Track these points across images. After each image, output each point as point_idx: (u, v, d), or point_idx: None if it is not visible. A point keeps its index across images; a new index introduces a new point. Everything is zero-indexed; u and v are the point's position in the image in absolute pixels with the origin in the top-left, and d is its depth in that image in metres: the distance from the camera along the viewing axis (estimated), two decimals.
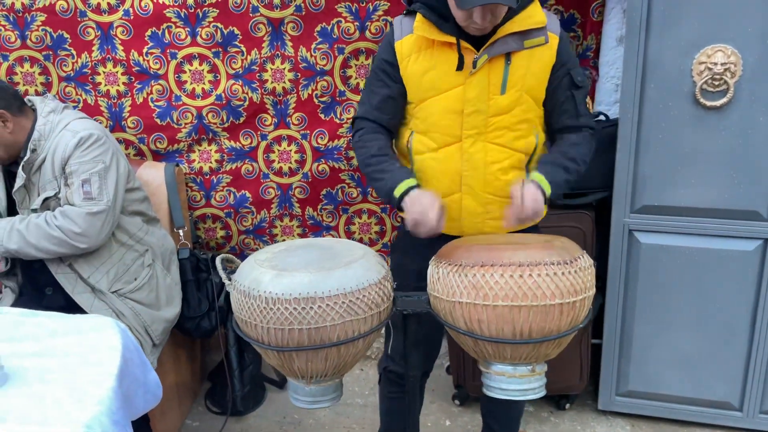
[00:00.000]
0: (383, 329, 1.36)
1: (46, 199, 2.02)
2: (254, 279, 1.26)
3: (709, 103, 2.09)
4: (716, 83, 2.07)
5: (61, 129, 2.03)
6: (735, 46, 2.03)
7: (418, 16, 1.68)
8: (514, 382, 1.30)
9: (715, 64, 2.05)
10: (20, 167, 2.01)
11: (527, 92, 1.69)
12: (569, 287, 1.22)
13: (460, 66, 1.65)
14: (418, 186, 1.65)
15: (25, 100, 2.09)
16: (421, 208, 1.55)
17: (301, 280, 1.22)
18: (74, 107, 2.52)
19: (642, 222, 2.28)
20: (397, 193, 1.63)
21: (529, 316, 1.21)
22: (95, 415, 1.28)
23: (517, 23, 1.63)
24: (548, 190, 1.64)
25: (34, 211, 2.03)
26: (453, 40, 1.63)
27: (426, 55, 1.70)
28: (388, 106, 1.79)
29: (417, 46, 1.71)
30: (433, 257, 1.38)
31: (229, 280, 1.39)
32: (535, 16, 1.65)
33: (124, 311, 2.09)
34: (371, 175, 1.74)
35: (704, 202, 2.20)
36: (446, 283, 1.28)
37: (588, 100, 1.83)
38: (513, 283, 1.20)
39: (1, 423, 1.24)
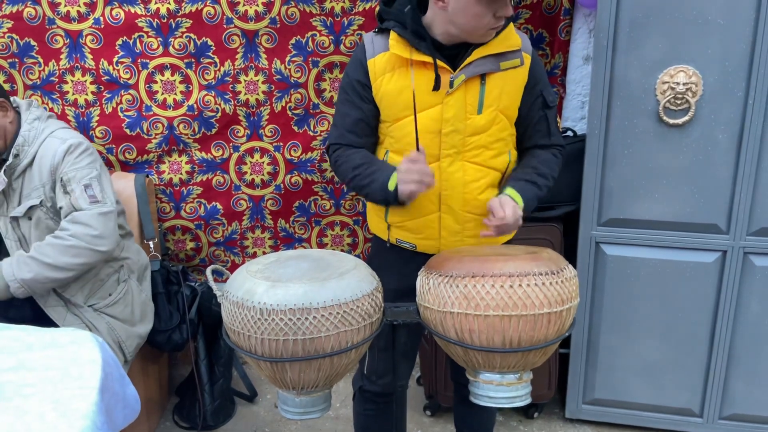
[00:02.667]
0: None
1: (30, 208, 1.97)
2: (248, 290, 1.25)
3: (671, 121, 2.19)
4: (678, 102, 2.17)
5: (46, 136, 2.00)
6: (696, 67, 2.13)
7: (393, 34, 1.67)
8: (501, 390, 1.33)
9: (678, 83, 2.14)
10: (2, 171, 1.96)
11: (502, 111, 1.71)
12: (557, 297, 1.26)
13: (436, 86, 1.64)
14: None
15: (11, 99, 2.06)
16: (413, 177, 1.56)
17: (296, 291, 1.23)
18: None
19: (608, 234, 2.35)
20: (391, 186, 1.61)
21: (518, 325, 1.24)
22: (81, 430, 1.26)
23: (494, 45, 1.65)
24: (521, 206, 1.67)
25: (14, 219, 1.99)
26: (429, 59, 1.63)
27: (401, 73, 1.68)
28: (362, 128, 1.76)
29: (391, 64, 1.69)
30: (422, 268, 1.40)
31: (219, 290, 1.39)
32: (510, 38, 1.67)
33: (99, 326, 2.04)
34: (359, 183, 1.70)
35: (667, 216, 2.29)
36: (437, 293, 1.30)
37: (557, 117, 1.88)
38: (504, 293, 1.23)
39: None
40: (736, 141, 2.17)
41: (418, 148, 1.57)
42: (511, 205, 1.61)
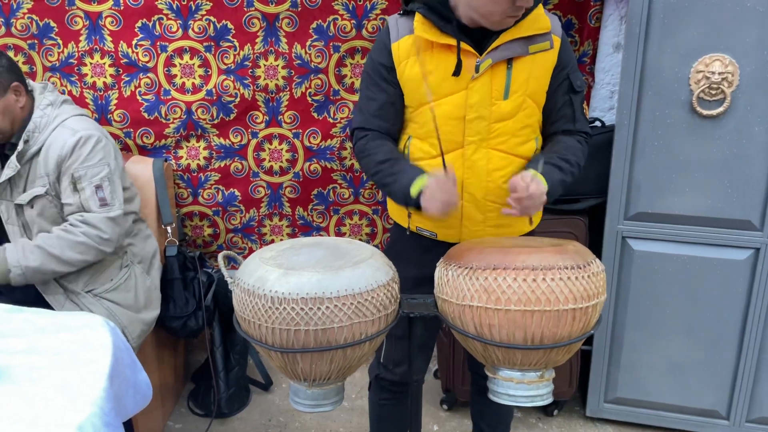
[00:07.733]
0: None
1: (35, 197, 1.95)
2: (259, 277, 1.21)
3: (705, 112, 2.10)
4: (713, 92, 2.08)
5: (57, 125, 1.97)
6: (733, 56, 2.04)
7: (418, 16, 1.61)
8: (522, 388, 1.28)
9: (713, 73, 2.06)
10: (14, 157, 1.94)
11: (530, 96, 1.64)
12: (582, 292, 1.19)
13: (457, 71, 1.57)
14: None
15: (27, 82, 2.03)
16: (441, 199, 1.49)
17: (309, 279, 1.18)
18: None
19: (635, 229, 2.28)
20: (413, 192, 1.55)
21: (541, 322, 1.18)
22: (87, 417, 1.23)
23: (522, 28, 1.58)
24: (546, 188, 1.57)
25: (18, 206, 1.97)
26: (454, 42, 1.56)
27: (425, 57, 1.62)
28: (388, 112, 1.70)
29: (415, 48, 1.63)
30: (441, 259, 1.35)
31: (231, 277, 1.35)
32: (540, 21, 1.60)
33: (98, 312, 1.99)
34: (381, 181, 1.66)
35: (697, 211, 2.21)
36: (456, 285, 1.25)
37: (584, 105, 1.78)
38: (526, 287, 1.17)
39: None
40: None
41: (445, 167, 1.51)
42: (535, 180, 1.51)
